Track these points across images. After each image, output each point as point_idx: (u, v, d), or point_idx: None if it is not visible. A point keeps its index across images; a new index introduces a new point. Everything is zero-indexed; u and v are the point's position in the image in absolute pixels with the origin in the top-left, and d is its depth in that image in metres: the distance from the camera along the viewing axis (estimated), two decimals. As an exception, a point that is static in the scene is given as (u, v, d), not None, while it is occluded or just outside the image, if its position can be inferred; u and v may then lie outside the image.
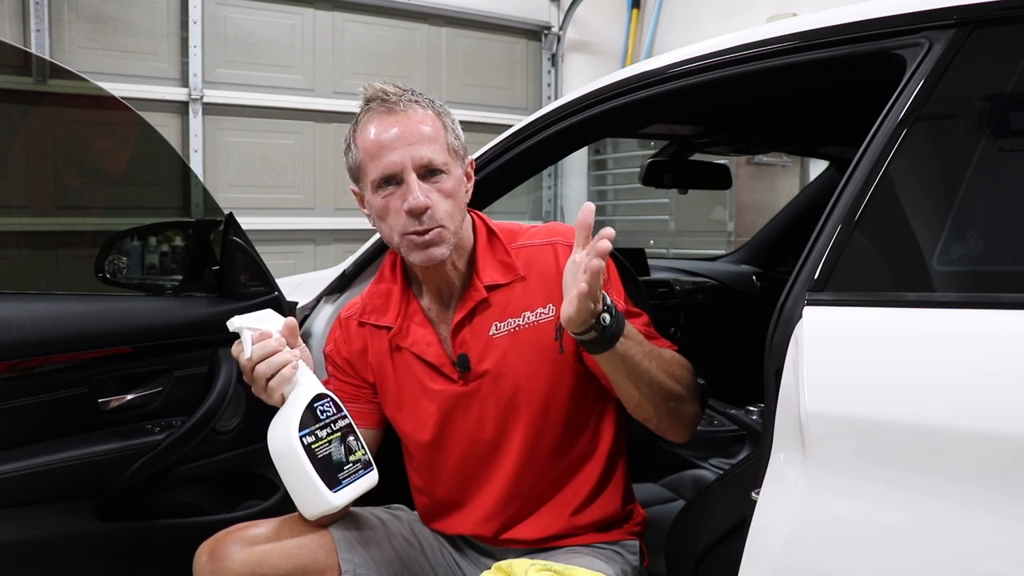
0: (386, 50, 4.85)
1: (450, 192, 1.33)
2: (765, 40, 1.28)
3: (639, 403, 1.28)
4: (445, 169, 1.33)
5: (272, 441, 1.21)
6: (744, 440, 2.07)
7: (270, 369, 1.22)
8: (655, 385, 1.26)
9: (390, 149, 1.31)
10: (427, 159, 1.31)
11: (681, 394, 1.30)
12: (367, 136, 1.33)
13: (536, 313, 1.37)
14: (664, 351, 1.32)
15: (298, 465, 1.19)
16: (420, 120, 1.33)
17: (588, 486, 1.42)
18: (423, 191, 1.30)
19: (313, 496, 1.20)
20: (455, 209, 1.34)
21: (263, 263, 1.72)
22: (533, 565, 1.16)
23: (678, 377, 1.30)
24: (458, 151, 1.37)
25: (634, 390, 1.26)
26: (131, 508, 1.60)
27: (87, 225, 3.35)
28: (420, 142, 1.31)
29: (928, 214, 1.03)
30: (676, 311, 2.62)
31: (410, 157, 1.30)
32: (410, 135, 1.31)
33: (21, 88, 3.34)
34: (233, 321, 1.24)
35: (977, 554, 0.84)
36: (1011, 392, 0.84)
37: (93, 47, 4.06)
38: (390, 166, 1.31)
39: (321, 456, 1.20)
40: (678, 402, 1.30)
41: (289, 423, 1.19)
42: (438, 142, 1.33)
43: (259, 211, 4.42)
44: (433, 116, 1.35)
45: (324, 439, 1.22)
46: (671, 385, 1.28)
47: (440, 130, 1.34)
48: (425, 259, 1.33)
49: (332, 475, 1.21)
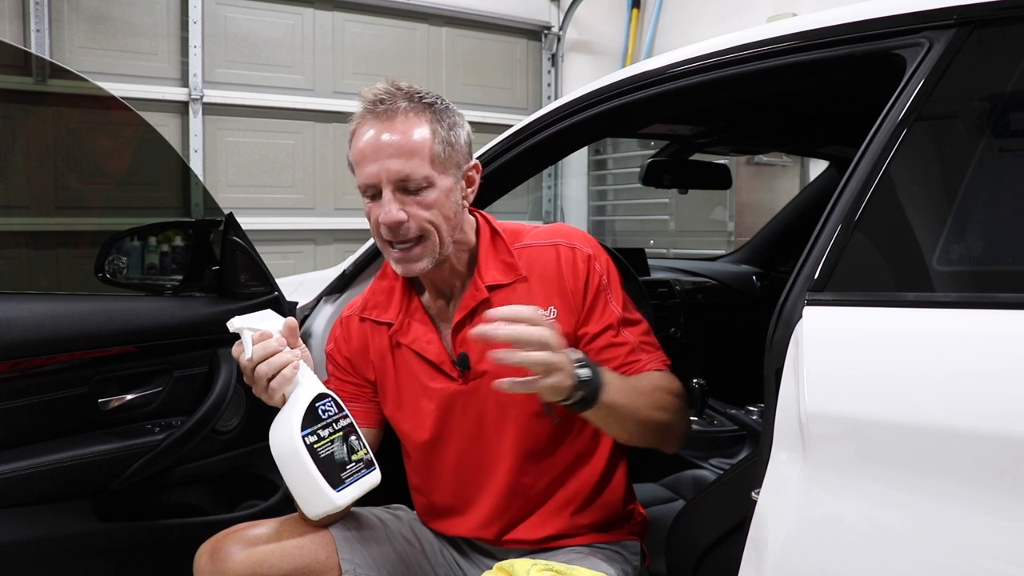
0: (386, 50, 4.85)
1: (432, 204, 1.30)
2: (765, 40, 1.28)
3: (628, 439, 1.31)
4: (426, 183, 1.29)
5: (274, 442, 1.21)
6: (744, 440, 2.07)
7: (271, 369, 1.21)
8: (643, 422, 1.27)
9: (370, 160, 1.29)
10: (403, 174, 1.28)
11: (669, 422, 1.31)
12: (356, 141, 1.33)
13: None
14: (648, 379, 1.32)
15: (301, 465, 1.19)
16: (406, 130, 1.28)
17: (588, 486, 1.42)
18: (401, 203, 1.29)
19: (316, 496, 1.20)
20: (439, 219, 1.31)
21: (263, 263, 1.72)
22: (535, 565, 1.16)
23: (664, 406, 1.30)
24: (451, 158, 1.32)
25: (623, 432, 1.28)
26: (131, 508, 1.60)
27: (87, 225, 3.35)
28: (399, 155, 1.28)
29: (928, 214, 1.03)
30: (676, 311, 2.62)
31: (385, 171, 1.28)
32: (390, 147, 1.28)
33: (21, 88, 3.34)
34: (233, 322, 1.24)
35: (977, 554, 0.84)
36: (1011, 392, 0.84)
37: (93, 47, 4.06)
38: (368, 177, 1.30)
39: (324, 456, 1.20)
40: (667, 428, 1.31)
41: (291, 423, 1.19)
42: (420, 155, 1.28)
43: (259, 211, 4.43)
44: (424, 122, 1.30)
45: (326, 439, 1.22)
46: (659, 417, 1.29)
47: (427, 139, 1.29)
48: (404, 271, 1.34)
49: (335, 475, 1.21)
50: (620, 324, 1.37)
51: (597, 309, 1.36)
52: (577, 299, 1.36)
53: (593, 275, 1.37)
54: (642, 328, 1.40)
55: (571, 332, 1.36)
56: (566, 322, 1.36)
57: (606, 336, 1.36)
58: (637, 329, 1.39)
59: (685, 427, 1.36)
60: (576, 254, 1.37)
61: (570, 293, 1.36)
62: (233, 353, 1.25)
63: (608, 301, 1.37)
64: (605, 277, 1.38)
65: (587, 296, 1.36)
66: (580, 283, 1.36)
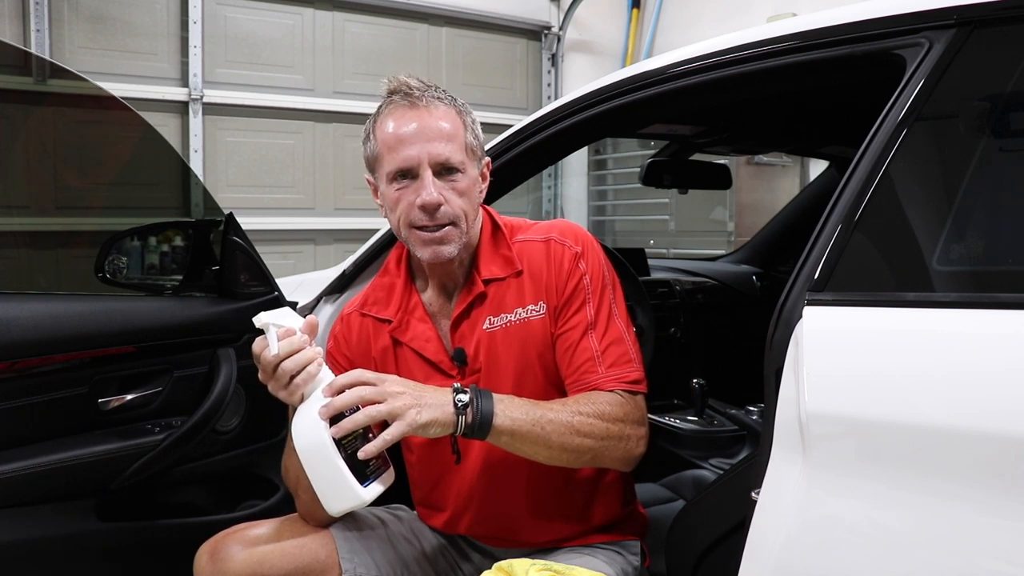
0: (386, 50, 4.85)
1: (464, 191, 1.33)
2: (765, 40, 1.28)
3: (549, 462, 1.27)
4: (461, 168, 1.32)
5: (300, 437, 1.20)
6: (744, 440, 2.06)
7: (296, 366, 1.20)
8: (560, 448, 1.24)
9: (408, 143, 1.31)
10: (444, 157, 1.31)
11: (594, 448, 1.26)
12: (386, 128, 1.33)
13: (527, 310, 1.37)
14: (581, 402, 1.28)
15: (329, 461, 1.19)
16: (441, 116, 1.32)
17: (588, 486, 1.42)
18: (437, 188, 1.30)
19: (344, 491, 1.20)
20: (468, 208, 1.34)
21: (263, 263, 1.72)
22: (534, 565, 1.16)
23: (589, 432, 1.25)
24: (475, 151, 1.37)
25: (538, 456, 1.26)
26: (131, 508, 1.60)
27: (87, 225, 3.35)
28: (439, 139, 1.31)
29: (928, 214, 1.03)
30: (676, 311, 2.62)
31: (427, 153, 1.30)
32: (429, 131, 1.31)
33: (21, 88, 3.34)
34: (261, 317, 1.22)
35: (977, 554, 0.84)
36: (1011, 392, 0.84)
37: (93, 47, 4.06)
38: (407, 160, 1.31)
39: (350, 451, 1.20)
40: (592, 454, 1.27)
41: (318, 419, 1.19)
42: (456, 140, 1.32)
43: (259, 211, 4.43)
44: (454, 114, 1.34)
45: (350, 435, 1.22)
46: (579, 443, 1.25)
47: (460, 128, 1.34)
48: (432, 256, 1.34)
49: (360, 470, 1.21)
50: (588, 329, 1.34)
51: (570, 309, 1.36)
52: (557, 296, 1.36)
53: (575, 274, 1.36)
54: (612, 337, 1.35)
55: (555, 328, 1.36)
56: (552, 318, 1.36)
57: (569, 337, 1.35)
58: (607, 338, 1.34)
59: (623, 453, 1.30)
60: (565, 251, 1.38)
61: (554, 289, 1.36)
62: (254, 349, 1.23)
63: (584, 303, 1.35)
64: (588, 278, 1.36)
65: (564, 294, 1.36)
66: (562, 280, 1.36)
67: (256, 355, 1.22)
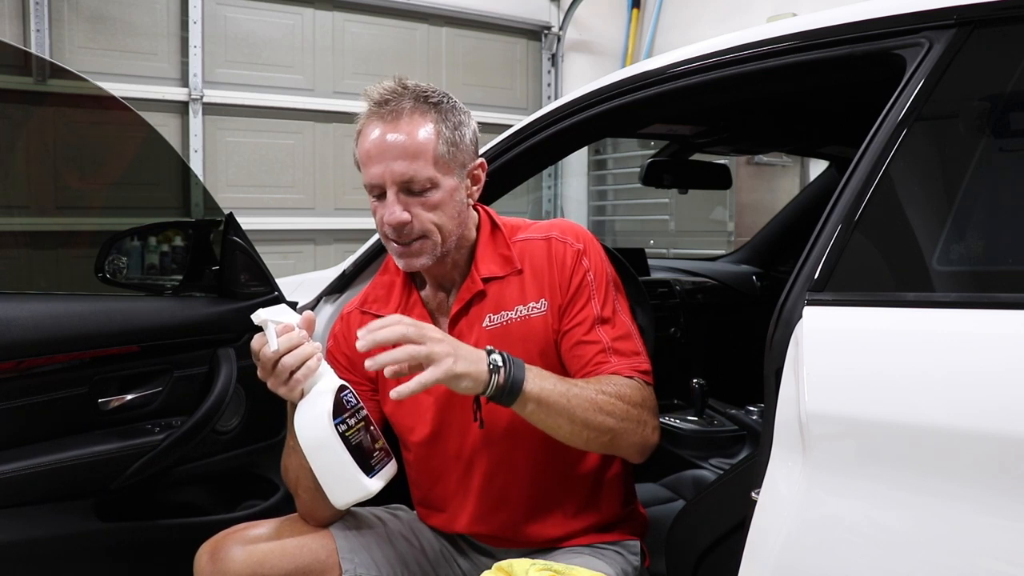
0: (386, 50, 4.85)
1: (435, 204, 1.31)
2: (765, 40, 1.28)
3: (569, 440, 1.27)
4: (429, 184, 1.30)
5: (305, 431, 1.21)
6: (744, 440, 2.07)
7: (296, 361, 1.20)
8: (582, 423, 1.24)
9: (375, 161, 1.30)
10: (407, 176, 1.29)
11: (615, 428, 1.26)
12: (362, 141, 1.33)
13: (528, 307, 1.37)
14: (602, 381, 1.28)
15: (335, 453, 1.19)
16: (411, 131, 1.29)
17: (588, 485, 1.42)
18: (404, 204, 1.30)
19: (351, 483, 1.21)
20: (442, 219, 1.32)
21: (263, 263, 1.72)
22: (534, 565, 1.16)
23: (611, 411, 1.25)
24: (455, 158, 1.32)
25: (559, 430, 1.25)
26: (131, 508, 1.60)
27: (87, 225, 3.35)
28: (402, 157, 1.28)
29: (928, 214, 1.03)
30: (676, 311, 2.62)
31: (390, 172, 1.29)
32: (394, 149, 1.28)
33: (21, 88, 3.34)
34: (259, 313, 1.23)
35: (977, 554, 0.84)
36: (1011, 392, 0.84)
37: (93, 47, 4.06)
38: (372, 178, 1.31)
39: (355, 443, 1.21)
40: (612, 435, 1.27)
41: (322, 413, 1.20)
42: (423, 156, 1.29)
43: (259, 211, 4.42)
44: (430, 122, 1.31)
45: (355, 427, 1.23)
46: (601, 420, 1.24)
47: (431, 139, 1.29)
48: (406, 266, 1.36)
49: (366, 462, 1.23)
50: (596, 322, 1.35)
51: (576, 305, 1.36)
52: (562, 293, 1.37)
53: (578, 271, 1.37)
54: (620, 331, 1.36)
55: (558, 326, 1.36)
56: (554, 315, 1.36)
57: (576, 332, 1.35)
58: (615, 331, 1.35)
59: (640, 438, 1.30)
60: (567, 248, 1.38)
61: (557, 287, 1.37)
62: (253, 346, 1.23)
63: (590, 299, 1.36)
64: (591, 274, 1.37)
65: (569, 291, 1.36)
66: (565, 278, 1.37)
67: (255, 352, 1.22)
